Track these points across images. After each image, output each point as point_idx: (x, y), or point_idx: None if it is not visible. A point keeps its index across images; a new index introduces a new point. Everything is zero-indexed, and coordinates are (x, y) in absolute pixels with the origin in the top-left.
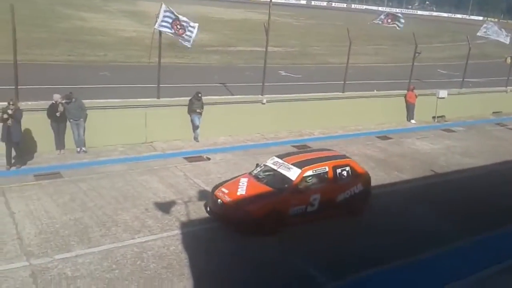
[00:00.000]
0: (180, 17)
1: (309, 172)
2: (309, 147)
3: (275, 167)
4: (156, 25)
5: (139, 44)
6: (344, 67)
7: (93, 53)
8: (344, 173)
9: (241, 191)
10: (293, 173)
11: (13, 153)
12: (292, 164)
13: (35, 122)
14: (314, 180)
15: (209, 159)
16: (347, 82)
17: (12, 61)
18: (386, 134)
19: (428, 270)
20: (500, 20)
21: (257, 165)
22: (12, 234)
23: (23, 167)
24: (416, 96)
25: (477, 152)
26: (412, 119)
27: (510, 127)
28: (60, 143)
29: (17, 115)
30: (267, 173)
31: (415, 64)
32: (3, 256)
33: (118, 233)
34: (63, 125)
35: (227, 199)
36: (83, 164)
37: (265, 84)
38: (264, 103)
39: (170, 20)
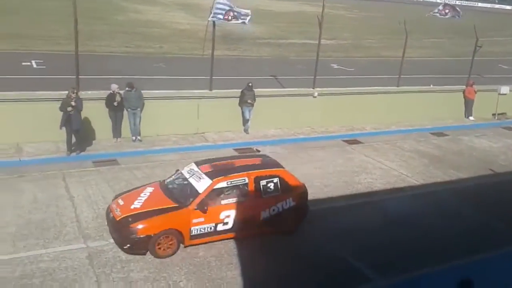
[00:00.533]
0: (234, 7)
1: (222, 184)
2: (361, 142)
3: (187, 176)
4: (210, 16)
5: (193, 37)
6: (398, 61)
7: (148, 45)
8: (271, 185)
9: (137, 204)
10: (202, 184)
11: (73, 139)
12: (205, 173)
13: (94, 111)
14: (228, 193)
15: (259, 151)
16: (402, 76)
17: (74, 52)
18: (442, 130)
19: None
20: None
21: (176, 171)
22: (71, 217)
23: (82, 153)
24: (475, 92)
25: None
26: (471, 115)
27: None
28: (117, 132)
29: (78, 105)
30: (178, 183)
31: (475, 58)
32: (62, 237)
33: None
34: (120, 114)
35: (118, 213)
36: (138, 152)
37: (317, 77)
38: (315, 96)
39: (223, 11)
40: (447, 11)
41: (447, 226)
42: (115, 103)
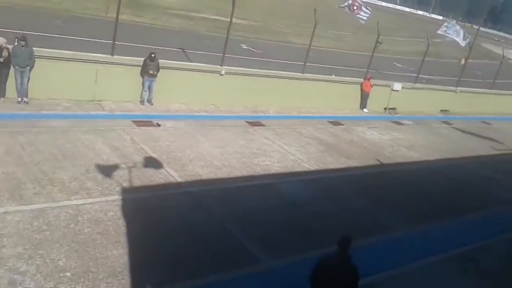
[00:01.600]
0: None
1: None
2: (263, 124)
3: None
4: None
5: None
6: (305, 48)
7: None
8: None
9: None
10: None
11: None
12: None
13: None
14: None
15: (159, 125)
16: (307, 63)
17: None
18: (339, 120)
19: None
20: (458, 22)
21: None
22: None
23: None
24: (371, 86)
25: (422, 146)
26: (365, 108)
27: (454, 126)
28: (0, 90)
29: None
30: None
31: (374, 54)
32: None
33: (54, 192)
34: (6, 71)
35: None
36: (23, 115)
37: (225, 55)
38: (222, 74)
39: None
40: (355, 7)
41: (334, 211)
42: (1, 59)
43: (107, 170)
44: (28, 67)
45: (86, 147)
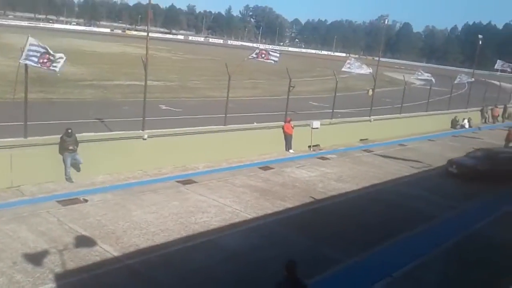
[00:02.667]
0: (49, 49)
1: None
2: (195, 181)
3: None
4: (22, 58)
5: (3, 79)
6: (224, 101)
7: None
8: None
9: None
10: None
11: None
12: None
13: None
14: None
15: (86, 201)
16: (228, 115)
17: None
18: (268, 164)
19: None
20: (360, 56)
21: None
22: None
23: None
24: (292, 127)
25: (350, 177)
26: (291, 148)
27: (376, 152)
28: None
29: None
30: None
31: (290, 97)
32: None
33: None
34: None
35: None
36: None
37: (146, 118)
38: (145, 139)
39: (38, 54)
40: (263, 55)
41: (278, 255)
42: None
43: (36, 258)
44: None
45: (10, 237)
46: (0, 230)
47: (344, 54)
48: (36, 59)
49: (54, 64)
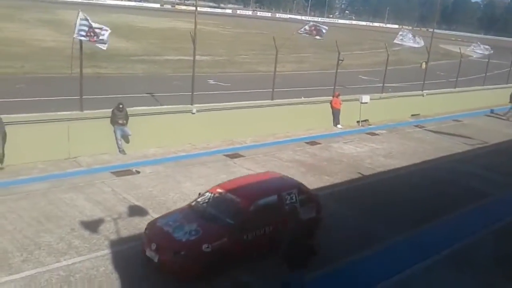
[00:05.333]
0: (94, 24)
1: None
2: (242, 155)
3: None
4: (75, 34)
5: (60, 54)
6: (271, 75)
7: (8, 64)
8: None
9: None
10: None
11: None
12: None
13: None
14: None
15: (138, 172)
16: (275, 89)
17: None
18: (315, 139)
19: (363, 271)
20: (414, 28)
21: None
22: None
23: None
24: (341, 102)
25: (399, 153)
26: (338, 124)
27: (427, 128)
28: None
29: None
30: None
31: (338, 71)
32: None
33: (42, 256)
34: None
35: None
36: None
37: (194, 93)
38: (194, 113)
39: (86, 28)
40: (312, 29)
41: (328, 228)
42: None
43: (93, 226)
44: None
45: (68, 205)
46: (59, 199)
47: (396, 26)
48: (84, 33)
49: (101, 38)
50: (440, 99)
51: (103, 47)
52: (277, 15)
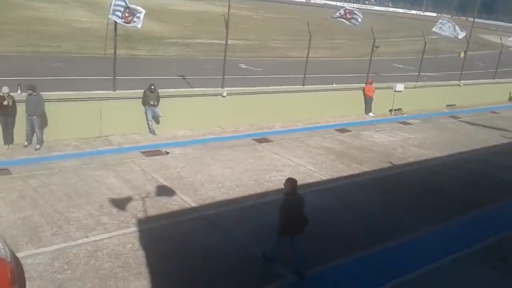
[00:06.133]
0: (129, 4)
1: None
2: (271, 140)
3: None
4: (110, 14)
5: (94, 35)
6: (303, 61)
7: (45, 44)
8: None
9: None
10: None
11: None
12: None
13: None
14: None
15: (167, 153)
16: (307, 75)
17: None
18: (345, 127)
19: (387, 261)
20: (453, 16)
21: None
22: None
23: None
24: (373, 90)
25: (432, 144)
26: (370, 112)
27: (463, 119)
28: (8, 138)
29: None
30: None
31: (373, 58)
32: None
33: (71, 231)
34: (11, 120)
35: None
36: (33, 159)
37: (225, 77)
38: (224, 96)
39: (122, 9)
40: (348, 15)
41: (353, 217)
42: (5, 103)
43: (121, 203)
44: (35, 116)
45: (98, 183)
46: (89, 176)
47: (434, 14)
48: (120, 14)
49: (135, 19)
50: (477, 90)
51: (138, 25)
52: (312, 0)
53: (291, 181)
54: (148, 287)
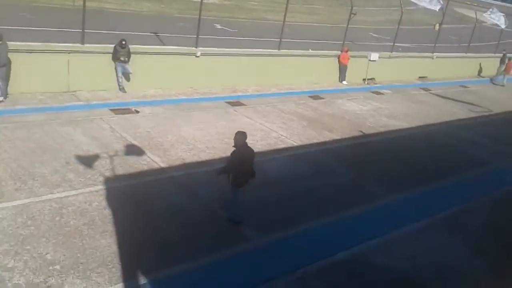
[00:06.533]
0: None
1: None
2: (244, 104)
3: None
4: None
5: None
6: (280, 24)
7: None
8: None
9: None
10: None
11: None
12: None
13: None
14: None
15: (137, 112)
16: (282, 40)
17: None
18: (319, 94)
19: (352, 228)
20: None
21: None
22: None
23: None
24: (349, 58)
25: (403, 114)
26: (344, 80)
27: (433, 92)
28: None
29: None
30: None
31: (349, 26)
32: None
33: (35, 187)
34: None
35: None
36: None
37: (200, 36)
38: (198, 56)
39: None
40: None
41: (322, 184)
42: None
43: (88, 161)
44: (4, 67)
45: (65, 139)
46: (56, 131)
47: None
48: None
49: None
50: (449, 63)
51: None
52: None
53: (242, 134)
54: (114, 245)
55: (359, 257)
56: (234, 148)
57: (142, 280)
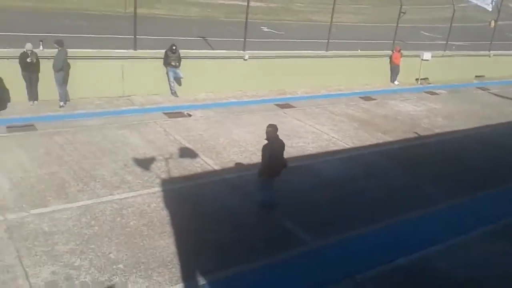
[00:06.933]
0: None
1: None
2: (293, 106)
3: None
4: None
5: None
6: (327, 25)
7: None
8: None
9: None
10: None
11: None
12: None
13: (7, 70)
14: None
15: (190, 115)
16: (330, 40)
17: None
18: (370, 95)
19: (410, 232)
20: None
21: None
22: None
23: None
24: (401, 57)
25: (459, 115)
26: (396, 80)
27: (492, 91)
28: (32, 94)
29: None
30: None
31: (399, 25)
32: None
33: (97, 188)
34: (35, 76)
35: None
36: (58, 116)
37: (247, 39)
38: (246, 59)
39: None
40: None
41: (375, 186)
42: (29, 60)
43: (144, 163)
44: (61, 71)
45: (122, 142)
46: (113, 135)
47: None
48: None
49: None
50: (508, 61)
51: None
52: None
53: (274, 127)
54: (172, 245)
55: (420, 263)
56: (266, 142)
57: (201, 281)
